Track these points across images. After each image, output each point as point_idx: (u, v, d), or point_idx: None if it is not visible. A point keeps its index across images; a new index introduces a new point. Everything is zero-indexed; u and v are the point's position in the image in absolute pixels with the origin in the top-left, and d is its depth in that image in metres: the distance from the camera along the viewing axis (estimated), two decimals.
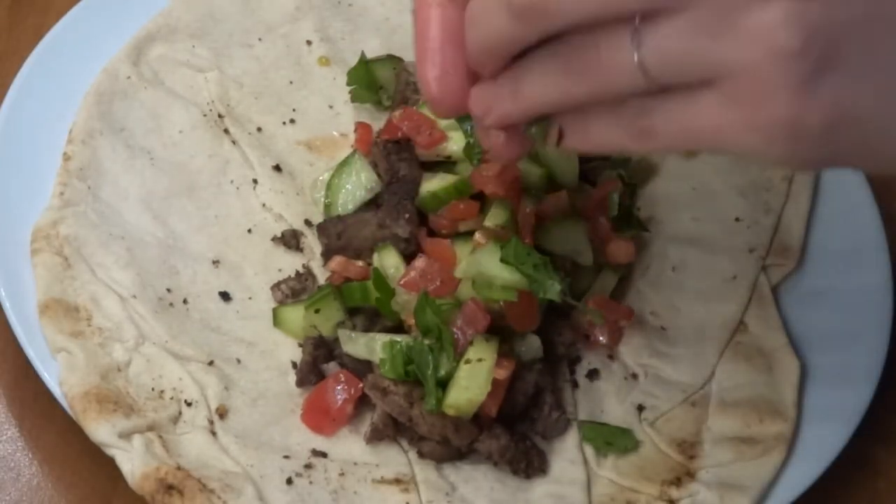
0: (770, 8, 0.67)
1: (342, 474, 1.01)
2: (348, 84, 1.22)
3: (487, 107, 0.80)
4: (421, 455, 1.03)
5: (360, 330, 1.06)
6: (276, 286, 1.11)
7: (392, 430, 1.04)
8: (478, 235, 1.04)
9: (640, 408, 1.08)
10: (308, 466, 1.01)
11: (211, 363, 1.05)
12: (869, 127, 0.71)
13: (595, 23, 0.71)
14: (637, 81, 0.71)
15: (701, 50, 0.69)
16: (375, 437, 1.04)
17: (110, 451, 0.97)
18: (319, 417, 1.04)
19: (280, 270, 1.13)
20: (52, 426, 1.05)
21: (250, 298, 1.11)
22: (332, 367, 1.06)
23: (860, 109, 0.71)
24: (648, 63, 0.71)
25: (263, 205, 1.16)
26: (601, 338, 1.10)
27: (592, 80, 0.73)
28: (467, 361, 1.00)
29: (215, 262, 1.12)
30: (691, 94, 0.71)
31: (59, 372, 1.00)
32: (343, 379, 1.04)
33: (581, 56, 0.73)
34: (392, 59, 1.23)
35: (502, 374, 1.00)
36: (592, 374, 1.10)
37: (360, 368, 1.05)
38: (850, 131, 0.71)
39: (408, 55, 1.23)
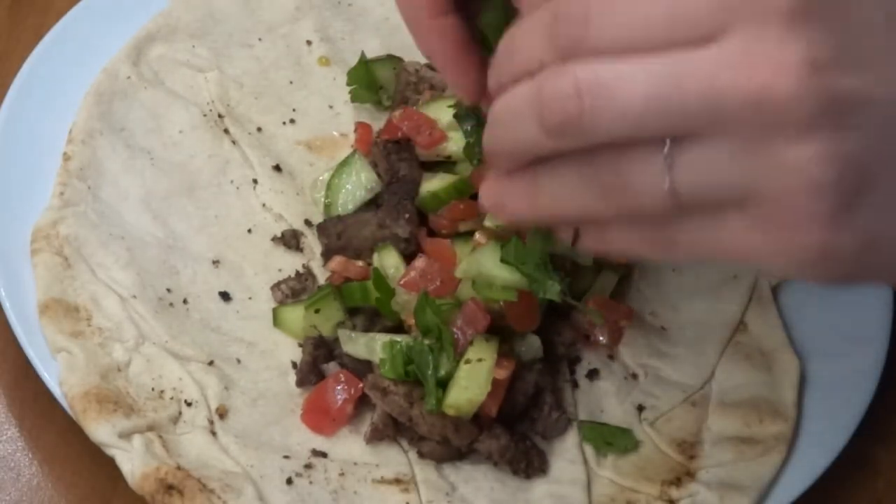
0: (807, 142, 0.66)
1: (342, 474, 1.01)
2: (348, 84, 1.22)
3: (500, 204, 0.78)
4: (421, 455, 1.03)
5: (360, 330, 1.06)
6: (276, 286, 1.11)
7: (392, 430, 1.04)
8: (478, 235, 1.04)
9: (640, 408, 1.08)
10: (308, 466, 1.01)
11: (211, 363, 1.05)
12: None
13: (626, 142, 0.69)
14: (665, 203, 0.70)
15: (734, 176, 0.68)
16: (375, 437, 1.04)
17: (110, 451, 0.97)
18: (319, 417, 1.04)
19: (280, 270, 1.13)
20: (52, 426, 1.05)
21: (250, 298, 1.11)
22: (332, 367, 1.06)
23: (891, 235, 0.70)
24: (679, 186, 0.69)
25: (263, 205, 1.16)
26: (601, 338, 1.10)
27: (618, 199, 0.71)
28: (467, 361, 1.00)
29: (215, 262, 1.12)
30: (718, 214, 0.70)
31: (59, 372, 1.00)
32: (343, 379, 1.04)
33: (608, 174, 0.70)
34: (392, 59, 1.23)
35: (502, 374, 1.00)
36: (592, 374, 1.10)
37: (360, 368, 1.05)
38: (881, 256, 0.70)
39: (408, 55, 1.23)
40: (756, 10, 0.66)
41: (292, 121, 1.22)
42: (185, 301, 1.08)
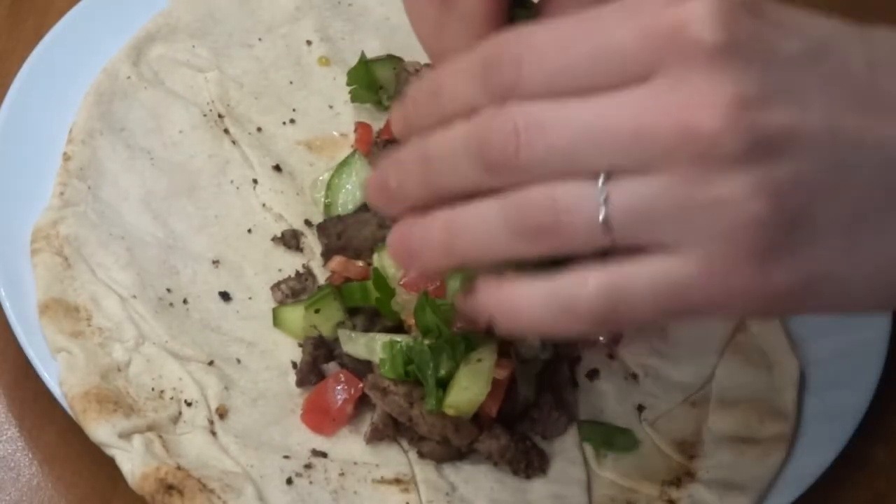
0: (736, 178, 0.66)
1: (342, 474, 1.01)
2: (348, 84, 1.22)
3: (413, 252, 0.76)
4: (421, 455, 1.03)
5: (360, 330, 1.06)
6: (276, 286, 1.11)
7: (392, 430, 1.04)
8: None
9: (640, 408, 1.08)
10: (308, 466, 1.01)
11: (211, 363, 1.05)
12: (836, 281, 0.70)
13: (559, 178, 0.69)
14: (597, 240, 0.68)
15: (666, 213, 0.68)
16: (375, 437, 1.04)
17: (110, 451, 0.97)
18: (319, 417, 1.04)
19: (280, 270, 1.13)
20: (52, 426, 1.05)
21: (250, 298, 1.11)
22: (332, 367, 1.06)
23: (827, 268, 0.69)
24: (612, 221, 0.68)
25: (263, 205, 1.16)
26: (601, 338, 1.10)
27: (548, 237, 0.69)
28: (467, 362, 1.00)
29: (215, 262, 1.12)
30: (649, 256, 0.69)
31: (59, 372, 1.00)
32: (343, 379, 1.04)
33: (537, 212, 0.69)
34: (392, 59, 1.22)
35: (502, 374, 1.00)
36: (592, 374, 1.10)
37: (360, 368, 1.05)
38: (819, 289, 0.70)
39: (408, 55, 1.23)
40: (681, 49, 0.67)
41: (292, 121, 1.22)
42: (185, 301, 1.08)
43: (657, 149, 0.67)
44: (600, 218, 0.68)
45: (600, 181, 0.68)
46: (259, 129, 1.21)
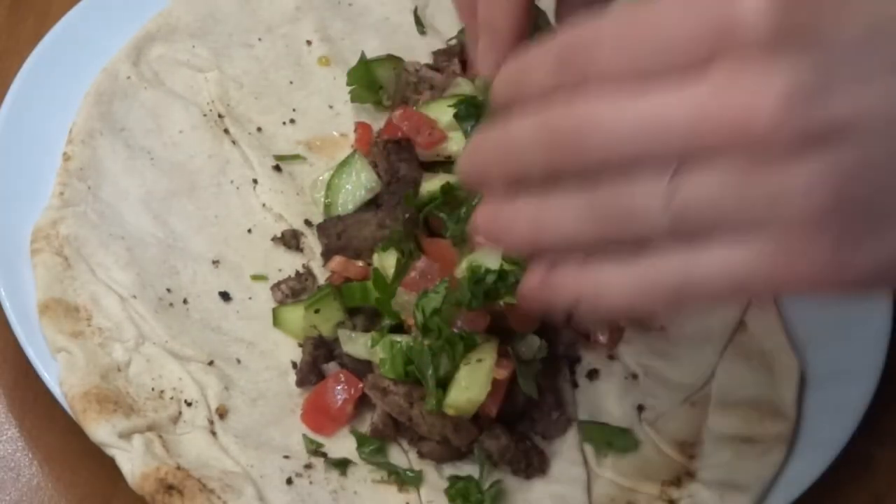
0: (800, 166, 0.67)
1: (342, 474, 1.01)
2: (348, 84, 1.22)
3: (499, 236, 0.79)
4: (421, 455, 1.03)
5: (360, 330, 1.06)
6: (276, 286, 1.11)
7: (392, 430, 1.04)
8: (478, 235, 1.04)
9: (640, 408, 1.08)
10: (308, 466, 1.01)
11: (211, 363, 1.05)
12: None
13: (631, 163, 0.71)
14: (663, 225, 0.70)
15: (731, 202, 0.69)
16: (375, 436, 1.04)
17: (110, 451, 0.98)
18: (319, 417, 1.04)
19: (280, 270, 1.13)
20: (52, 426, 1.05)
21: (250, 298, 1.11)
22: (332, 367, 1.06)
23: None
24: (678, 209, 0.70)
25: (263, 205, 1.16)
26: (601, 338, 1.10)
27: (618, 221, 0.72)
28: (467, 362, 1.00)
29: (215, 262, 1.12)
30: (716, 241, 0.70)
31: (59, 372, 1.00)
32: (343, 379, 1.04)
33: (611, 197, 0.72)
34: (392, 59, 1.22)
35: (502, 374, 1.00)
36: (592, 374, 1.10)
37: (360, 368, 1.05)
38: (891, 272, 0.71)
39: (408, 55, 1.23)
40: (738, 39, 0.67)
41: (292, 121, 1.22)
42: (185, 301, 1.08)
43: (720, 141, 0.68)
44: (670, 208, 0.70)
45: (669, 173, 0.70)
46: (259, 129, 1.21)
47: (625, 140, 0.70)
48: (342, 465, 1.02)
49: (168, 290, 1.08)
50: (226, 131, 1.19)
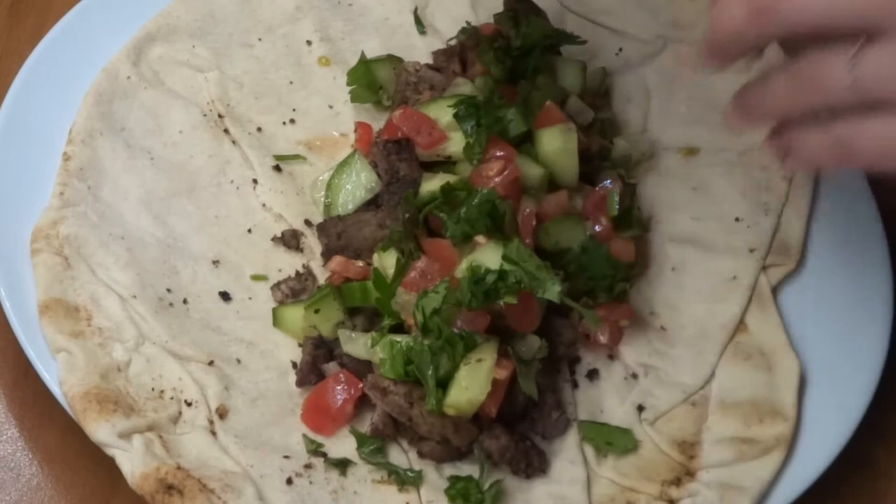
0: None
1: (342, 474, 1.01)
2: (348, 84, 1.22)
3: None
4: (421, 455, 1.03)
5: (360, 330, 1.06)
6: (276, 286, 1.11)
7: (392, 430, 1.04)
8: (478, 236, 1.04)
9: (640, 408, 1.08)
10: (308, 466, 1.01)
11: (211, 363, 1.05)
12: None
13: (820, 33, 0.80)
14: (847, 94, 0.80)
15: None
16: (375, 436, 1.04)
17: (110, 451, 0.98)
18: (319, 417, 1.04)
19: (280, 270, 1.13)
20: (52, 426, 1.05)
21: (250, 298, 1.11)
22: (332, 367, 1.06)
23: None
24: (862, 80, 0.79)
25: (263, 205, 1.16)
26: (601, 338, 1.10)
27: (808, 92, 0.82)
28: (467, 362, 1.00)
29: (215, 262, 1.12)
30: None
31: (59, 372, 1.00)
32: (343, 379, 1.04)
33: (804, 71, 0.83)
34: (392, 59, 1.23)
35: (502, 374, 1.00)
36: (592, 374, 1.10)
37: (360, 368, 1.05)
38: None
39: (408, 55, 1.23)
40: None
41: (292, 121, 1.22)
42: (185, 301, 1.08)
43: None
44: (849, 78, 0.79)
45: (856, 46, 0.78)
46: (259, 129, 1.21)
47: (816, 11, 0.78)
48: (342, 465, 1.02)
49: (168, 290, 1.08)
50: (226, 131, 1.19)
